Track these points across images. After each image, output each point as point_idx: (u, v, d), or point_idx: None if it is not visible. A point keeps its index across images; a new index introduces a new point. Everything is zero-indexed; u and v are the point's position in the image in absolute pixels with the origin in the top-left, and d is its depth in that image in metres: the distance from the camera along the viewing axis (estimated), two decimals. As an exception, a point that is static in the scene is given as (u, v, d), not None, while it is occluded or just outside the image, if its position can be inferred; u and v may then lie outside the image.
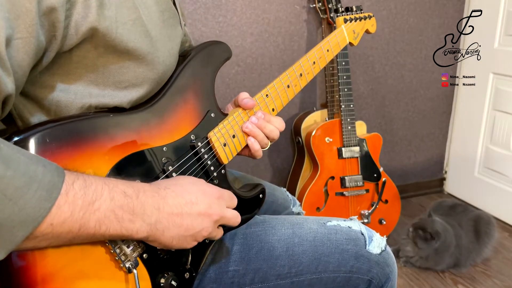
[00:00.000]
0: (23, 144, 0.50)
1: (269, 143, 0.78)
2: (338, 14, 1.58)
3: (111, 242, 0.55)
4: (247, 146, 0.77)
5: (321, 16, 1.67)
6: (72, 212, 0.47)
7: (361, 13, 1.05)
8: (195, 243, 0.61)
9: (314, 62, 0.87)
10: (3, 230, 0.43)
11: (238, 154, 0.79)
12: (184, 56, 0.71)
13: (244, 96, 0.77)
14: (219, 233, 0.65)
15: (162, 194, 0.56)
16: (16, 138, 0.51)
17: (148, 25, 0.61)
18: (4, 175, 0.42)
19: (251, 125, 0.75)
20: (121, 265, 0.56)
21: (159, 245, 0.58)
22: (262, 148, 0.77)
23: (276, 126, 0.78)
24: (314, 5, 1.70)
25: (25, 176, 0.44)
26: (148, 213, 0.54)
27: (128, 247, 0.57)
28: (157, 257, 0.61)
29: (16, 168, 0.44)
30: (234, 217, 0.65)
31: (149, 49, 0.61)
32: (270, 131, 0.77)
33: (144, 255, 0.59)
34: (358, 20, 1.01)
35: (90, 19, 0.53)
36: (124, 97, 0.61)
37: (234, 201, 0.66)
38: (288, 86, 0.82)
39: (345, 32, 0.96)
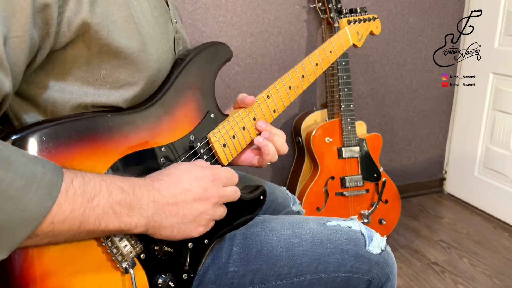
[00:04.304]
0: (20, 143, 0.50)
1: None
2: (342, 16, 1.58)
3: (108, 242, 0.55)
4: (247, 153, 0.78)
5: (321, 16, 1.67)
6: (72, 209, 0.48)
7: (365, 14, 1.05)
8: (202, 229, 0.61)
9: (316, 64, 0.86)
10: (5, 230, 0.43)
11: (239, 165, 0.79)
12: (182, 58, 0.71)
13: (243, 96, 0.77)
14: (223, 212, 0.65)
15: (156, 187, 0.57)
16: (14, 137, 0.51)
17: (140, 22, 0.61)
18: (5, 176, 0.43)
19: (262, 138, 0.76)
20: (118, 265, 0.56)
21: (161, 236, 0.58)
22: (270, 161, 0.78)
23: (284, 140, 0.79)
24: (314, 5, 1.70)
25: (25, 176, 0.44)
26: (145, 206, 0.54)
27: (125, 247, 0.57)
28: (155, 258, 0.61)
29: (16, 169, 0.44)
30: (233, 193, 0.65)
31: (141, 47, 0.61)
32: (282, 145, 0.78)
33: (142, 256, 0.59)
34: (362, 22, 1.00)
35: (81, 16, 0.53)
36: (119, 96, 0.61)
37: (235, 178, 0.66)
38: (290, 88, 0.82)
39: (349, 34, 0.96)
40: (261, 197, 0.76)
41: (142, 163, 0.61)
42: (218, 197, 0.62)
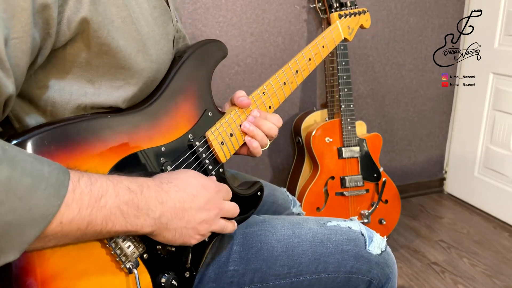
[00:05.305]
0: (21, 147, 0.50)
1: (269, 142, 0.78)
2: (333, 10, 1.58)
3: (112, 243, 0.56)
4: (245, 144, 0.77)
5: (321, 16, 1.67)
6: (80, 209, 0.48)
7: (355, 8, 1.07)
8: (199, 238, 0.61)
9: (309, 59, 0.87)
10: (15, 230, 0.43)
11: (237, 153, 0.79)
12: (180, 55, 0.71)
13: (240, 95, 0.77)
14: (228, 227, 0.66)
15: (165, 189, 0.57)
16: (14, 141, 0.51)
17: (139, 23, 0.61)
18: (12, 175, 0.43)
19: (248, 124, 0.76)
20: (122, 266, 0.57)
21: (163, 239, 0.58)
22: (262, 147, 0.77)
23: (274, 122, 0.78)
24: (314, 5, 1.70)
25: (32, 175, 0.44)
26: (152, 207, 0.55)
27: (128, 247, 0.57)
28: (158, 257, 0.61)
29: (23, 168, 0.44)
30: (233, 209, 0.67)
31: (140, 47, 0.61)
32: (269, 128, 0.77)
33: (145, 255, 0.60)
34: (352, 16, 1.02)
35: (81, 14, 0.53)
36: (119, 96, 0.61)
37: (230, 194, 0.68)
38: (284, 83, 0.83)
39: (340, 28, 0.97)
40: (259, 193, 0.76)
41: (142, 163, 0.61)
42: (219, 209, 0.63)
